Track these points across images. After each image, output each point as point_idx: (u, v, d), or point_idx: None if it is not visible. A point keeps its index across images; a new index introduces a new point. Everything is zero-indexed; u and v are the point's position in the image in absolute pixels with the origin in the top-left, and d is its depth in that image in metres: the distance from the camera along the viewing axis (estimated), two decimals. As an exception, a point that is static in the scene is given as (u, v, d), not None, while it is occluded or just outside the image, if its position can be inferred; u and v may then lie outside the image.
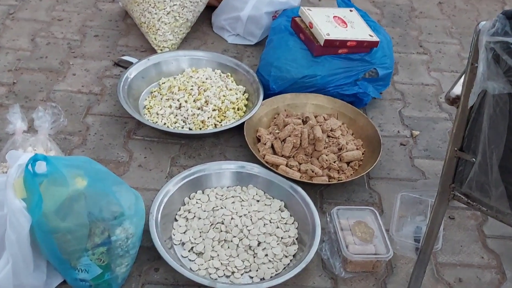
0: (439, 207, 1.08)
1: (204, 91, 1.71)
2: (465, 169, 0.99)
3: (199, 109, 1.67)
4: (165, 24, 1.90)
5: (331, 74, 1.71)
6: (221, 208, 1.39)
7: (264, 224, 1.36)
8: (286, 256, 1.32)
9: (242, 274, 1.28)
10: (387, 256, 1.29)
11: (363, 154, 1.62)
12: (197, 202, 1.42)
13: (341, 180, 1.52)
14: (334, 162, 1.55)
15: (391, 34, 2.09)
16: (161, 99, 1.71)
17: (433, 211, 1.10)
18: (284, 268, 1.30)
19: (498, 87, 0.80)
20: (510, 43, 0.78)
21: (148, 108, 1.70)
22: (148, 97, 1.75)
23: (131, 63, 1.82)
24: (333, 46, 1.70)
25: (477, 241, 1.43)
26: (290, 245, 1.34)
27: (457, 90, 0.89)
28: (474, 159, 0.95)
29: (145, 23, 1.92)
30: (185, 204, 1.41)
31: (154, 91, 1.76)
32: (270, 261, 1.30)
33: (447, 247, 1.41)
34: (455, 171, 1.01)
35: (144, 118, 1.66)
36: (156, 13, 1.90)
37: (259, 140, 1.63)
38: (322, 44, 1.69)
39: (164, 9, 1.89)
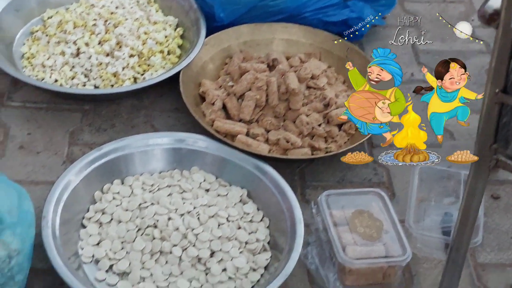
0: (476, 182, 1.12)
1: (115, 27, 1.71)
2: (511, 121, 1.03)
3: (108, 55, 1.67)
4: None
5: (308, -9, 1.73)
6: (152, 204, 1.40)
7: (219, 225, 1.38)
8: (254, 270, 1.34)
9: (190, 301, 1.31)
10: (403, 260, 1.33)
11: (361, 111, 1.65)
12: (114, 198, 1.43)
13: (330, 151, 1.55)
14: (319, 125, 1.58)
15: None
16: (48, 42, 1.71)
17: (467, 188, 1.13)
18: (253, 287, 1.33)
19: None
20: None
21: (29, 58, 1.70)
22: (28, 40, 1.74)
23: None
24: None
25: (536, 230, 1.49)
26: (259, 253, 1.37)
27: (496, 1, 0.91)
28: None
29: None
30: (96, 202, 1.42)
31: (37, 31, 1.75)
32: (230, 278, 1.32)
33: (490, 240, 1.47)
34: (497, 125, 1.04)
35: (23, 73, 1.65)
36: None
37: (203, 99, 1.64)
38: None
39: None
